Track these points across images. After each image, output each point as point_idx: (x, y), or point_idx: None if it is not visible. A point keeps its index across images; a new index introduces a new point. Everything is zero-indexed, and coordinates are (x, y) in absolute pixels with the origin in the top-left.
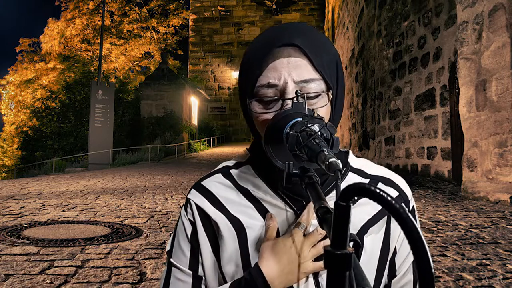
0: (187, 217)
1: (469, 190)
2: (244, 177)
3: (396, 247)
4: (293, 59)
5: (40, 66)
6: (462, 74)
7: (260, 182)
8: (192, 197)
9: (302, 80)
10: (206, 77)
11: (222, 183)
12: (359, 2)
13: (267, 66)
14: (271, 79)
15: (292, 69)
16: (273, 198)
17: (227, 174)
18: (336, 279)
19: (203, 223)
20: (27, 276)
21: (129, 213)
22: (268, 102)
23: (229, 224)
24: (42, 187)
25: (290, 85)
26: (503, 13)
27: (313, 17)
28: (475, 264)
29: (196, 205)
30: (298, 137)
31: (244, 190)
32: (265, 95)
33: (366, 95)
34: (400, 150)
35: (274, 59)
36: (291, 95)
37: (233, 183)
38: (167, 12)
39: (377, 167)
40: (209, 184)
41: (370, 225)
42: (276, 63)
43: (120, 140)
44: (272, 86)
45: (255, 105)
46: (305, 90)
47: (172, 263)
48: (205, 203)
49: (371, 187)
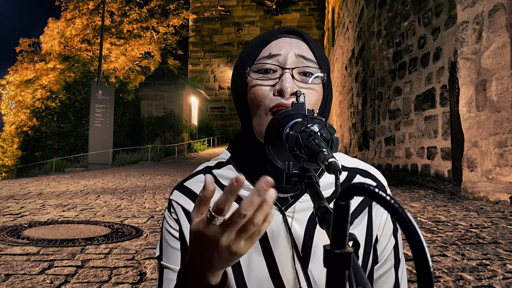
0: (171, 217)
1: (469, 190)
2: (226, 176)
3: (377, 234)
4: (295, 40)
5: (40, 66)
6: (462, 74)
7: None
8: (175, 198)
9: (302, 55)
10: (206, 77)
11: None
12: (359, 2)
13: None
14: (273, 51)
15: (294, 45)
16: None
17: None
18: (335, 279)
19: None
20: (27, 276)
21: (129, 213)
22: (267, 71)
23: None
24: (42, 187)
25: (291, 57)
26: (503, 13)
27: (313, 17)
28: (475, 264)
29: (179, 204)
30: (298, 137)
31: None
32: (266, 64)
33: (366, 95)
34: (400, 150)
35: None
36: (290, 66)
37: (216, 182)
38: (167, 12)
39: (353, 160)
40: (191, 184)
41: (354, 217)
42: (279, 41)
43: (120, 140)
44: (273, 56)
45: (253, 74)
46: (304, 65)
47: (163, 265)
48: (188, 203)
49: (370, 186)
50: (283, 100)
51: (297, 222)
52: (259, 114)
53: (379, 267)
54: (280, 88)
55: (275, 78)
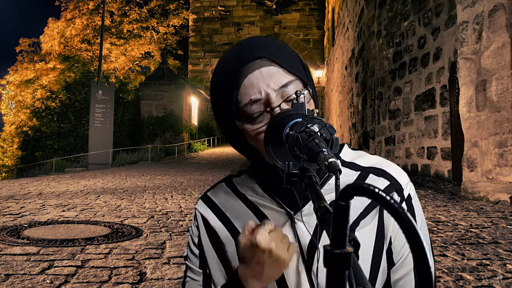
0: (194, 224)
1: (469, 190)
2: (244, 183)
3: (391, 236)
4: (265, 69)
5: (40, 66)
6: (462, 74)
7: (257, 187)
8: (198, 207)
9: (280, 85)
10: (206, 77)
11: (224, 191)
12: (359, 2)
13: (242, 83)
14: (252, 95)
15: (267, 79)
16: (269, 202)
17: (229, 182)
18: (335, 279)
19: (207, 230)
20: (27, 276)
21: (129, 213)
22: (257, 117)
23: (228, 235)
24: (42, 187)
25: (272, 95)
26: (503, 13)
27: (313, 17)
28: (475, 264)
29: (200, 214)
30: (298, 137)
31: (242, 196)
32: (252, 112)
33: (366, 95)
34: (400, 150)
35: (247, 74)
36: (276, 104)
37: (233, 190)
38: (167, 12)
39: (371, 158)
40: (213, 193)
41: (361, 218)
42: (251, 77)
43: (120, 140)
44: (255, 102)
45: (246, 125)
46: (286, 93)
47: (187, 265)
48: (209, 213)
49: (370, 186)
50: None
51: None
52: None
53: (395, 270)
54: None
55: (267, 118)
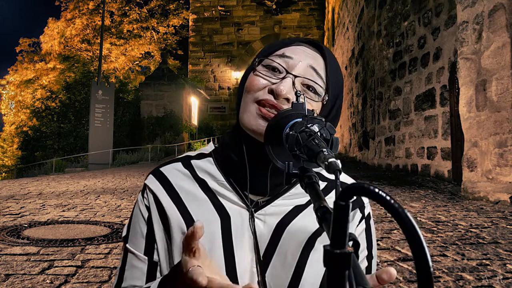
0: (143, 202)
1: (469, 190)
2: (204, 168)
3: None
4: (315, 53)
5: (40, 66)
6: (462, 74)
7: (219, 174)
8: (149, 183)
9: (314, 67)
10: (206, 77)
11: (181, 172)
12: (359, 2)
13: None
14: (287, 52)
15: (310, 56)
16: (228, 191)
17: (187, 164)
18: (335, 279)
19: (158, 209)
20: (27, 276)
21: (129, 213)
22: (274, 69)
23: (180, 219)
24: (42, 187)
25: (301, 65)
26: (503, 13)
27: (313, 17)
28: (475, 264)
29: (152, 191)
30: (298, 137)
31: (201, 181)
32: (273, 63)
33: (366, 95)
34: (400, 150)
35: (297, 45)
36: (296, 73)
37: (192, 173)
38: (167, 12)
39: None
40: (167, 171)
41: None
42: (299, 47)
43: (120, 140)
44: (284, 57)
45: (260, 67)
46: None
47: (128, 248)
48: (161, 191)
49: (370, 186)
50: (273, 99)
51: (265, 226)
52: (246, 102)
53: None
54: (275, 89)
55: (277, 79)
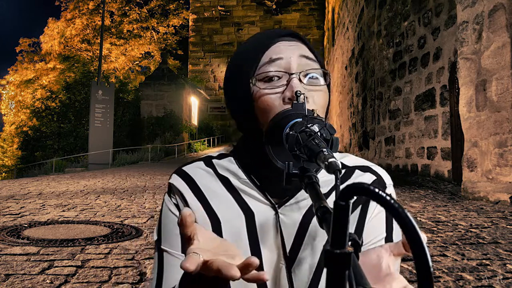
0: (171, 201)
1: (469, 190)
2: (226, 167)
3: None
4: (294, 42)
5: (40, 66)
6: (462, 74)
7: (241, 172)
8: (174, 181)
9: (305, 55)
10: (206, 77)
11: (204, 170)
12: (359, 2)
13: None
14: (273, 55)
15: (294, 48)
16: (251, 189)
17: (209, 163)
18: (335, 279)
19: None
20: (27, 276)
21: (129, 213)
22: (272, 78)
23: (205, 216)
24: (42, 187)
25: (294, 60)
26: (503, 13)
27: (313, 17)
28: (475, 264)
29: (178, 190)
30: (298, 137)
31: (224, 179)
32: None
33: (366, 95)
34: (400, 150)
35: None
36: (296, 70)
37: (214, 171)
38: (167, 12)
39: (357, 158)
40: (190, 170)
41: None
42: (279, 44)
43: (120, 140)
44: (275, 61)
45: (259, 84)
46: (308, 66)
47: (163, 249)
48: (186, 190)
49: (370, 186)
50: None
51: (290, 222)
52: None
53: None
54: (291, 95)
55: (282, 85)
